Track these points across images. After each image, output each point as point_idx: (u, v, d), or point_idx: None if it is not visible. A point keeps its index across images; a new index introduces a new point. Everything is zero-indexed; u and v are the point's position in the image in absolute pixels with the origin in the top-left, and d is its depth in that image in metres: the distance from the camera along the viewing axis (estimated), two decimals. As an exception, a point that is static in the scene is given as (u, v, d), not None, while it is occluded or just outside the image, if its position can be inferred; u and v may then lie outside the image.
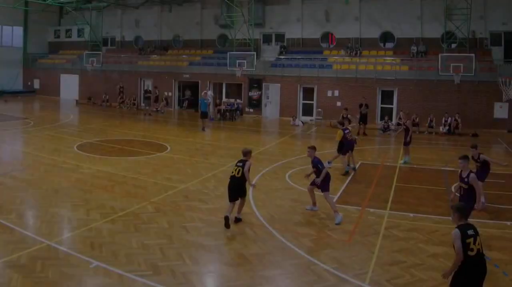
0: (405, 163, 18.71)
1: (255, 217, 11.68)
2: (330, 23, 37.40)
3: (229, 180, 11.41)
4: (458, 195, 10.29)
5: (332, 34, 37.99)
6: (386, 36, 36.37)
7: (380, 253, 9.54)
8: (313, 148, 12.16)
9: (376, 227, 11.12)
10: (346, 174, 16.64)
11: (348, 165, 17.12)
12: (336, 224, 11.29)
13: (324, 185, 11.79)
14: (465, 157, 10.16)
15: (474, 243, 6.57)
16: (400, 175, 16.81)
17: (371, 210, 12.52)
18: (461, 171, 10.11)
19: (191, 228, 10.76)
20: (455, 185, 14.59)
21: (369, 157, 20.28)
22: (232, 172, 11.35)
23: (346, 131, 16.96)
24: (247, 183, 11.27)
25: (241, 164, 11.30)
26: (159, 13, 45.03)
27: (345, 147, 16.95)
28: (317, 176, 11.88)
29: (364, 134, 26.88)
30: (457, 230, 6.67)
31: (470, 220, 7.13)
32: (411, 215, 12.05)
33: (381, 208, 12.67)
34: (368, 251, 9.63)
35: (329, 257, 9.27)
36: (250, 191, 13.41)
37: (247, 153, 11.53)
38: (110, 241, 9.73)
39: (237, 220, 11.27)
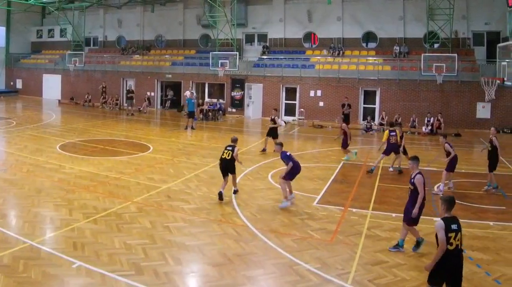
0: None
1: (237, 217, 11.71)
2: (313, 23, 37.62)
3: (219, 161, 13.41)
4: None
5: (314, 34, 38.18)
6: (369, 36, 36.62)
7: (363, 253, 9.60)
8: (280, 144, 13.22)
9: (359, 227, 11.19)
10: (400, 172, 17.17)
11: (397, 166, 17.55)
12: (280, 207, 12.50)
13: (287, 174, 12.64)
14: (414, 158, 9.85)
15: (455, 238, 6.64)
16: (382, 175, 16.91)
17: (354, 210, 12.59)
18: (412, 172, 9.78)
19: (173, 228, 10.75)
20: (437, 184, 14.82)
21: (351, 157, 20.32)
22: (223, 155, 13.21)
23: (392, 133, 17.34)
24: (236, 162, 13.34)
25: (230, 148, 13.27)
26: (142, 13, 44.92)
27: (387, 148, 17.35)
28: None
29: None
30: (441, 221, 6.73)
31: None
32: (394, 215, 12.11)
33: (363, 208, 12.76)
34: (350, 251, 9.69)
35: (311, 257, 9.31)
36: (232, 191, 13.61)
37: (235, 140, 13.71)
38: (93, 241, 9.69)
39: (235, 192, 13.63)
